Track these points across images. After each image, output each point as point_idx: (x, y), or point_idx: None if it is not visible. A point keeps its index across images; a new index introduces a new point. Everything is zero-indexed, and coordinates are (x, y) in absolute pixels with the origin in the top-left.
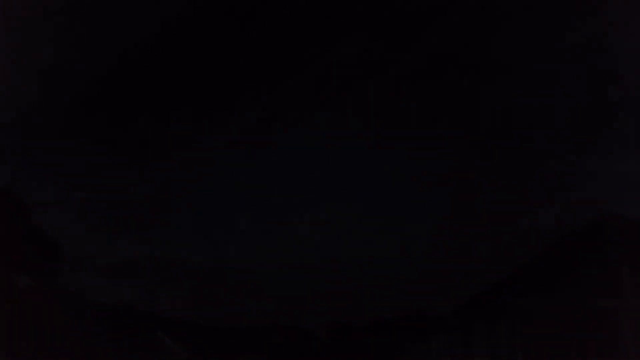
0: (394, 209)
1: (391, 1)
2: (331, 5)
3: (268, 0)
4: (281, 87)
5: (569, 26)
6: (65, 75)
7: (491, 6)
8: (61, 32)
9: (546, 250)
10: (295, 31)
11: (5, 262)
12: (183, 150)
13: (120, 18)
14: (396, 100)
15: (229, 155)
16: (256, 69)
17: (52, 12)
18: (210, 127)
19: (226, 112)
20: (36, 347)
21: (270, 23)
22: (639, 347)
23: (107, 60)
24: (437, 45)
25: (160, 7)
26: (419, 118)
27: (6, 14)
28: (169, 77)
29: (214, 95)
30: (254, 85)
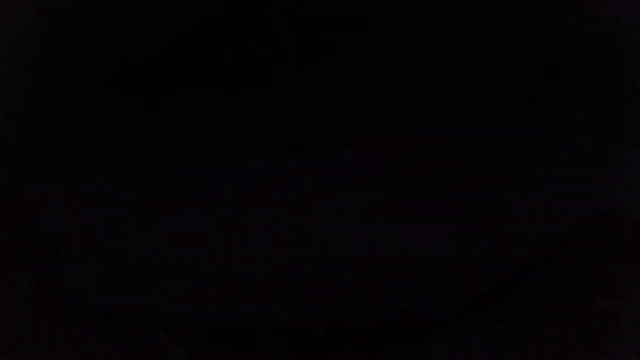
0: (394, 208)
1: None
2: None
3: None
4: (280, 86)
5: (569, 26)
6: (64, 75)
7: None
8: (60, 31)
9: (546, 250)
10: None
11: (5, 262)
12: (183, 150)
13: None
14: (395, 99)
15: (227, 154)
16: (256, 71)
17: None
18: (210, 128)
19: (225, 114)
20: (36, 347)
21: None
22: (639, 347)
23: (107, 59)
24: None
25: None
26: (416, 117)
27: (6, 14)
28: (169, 77)
29: (212, 97)
30: (252, 86)
